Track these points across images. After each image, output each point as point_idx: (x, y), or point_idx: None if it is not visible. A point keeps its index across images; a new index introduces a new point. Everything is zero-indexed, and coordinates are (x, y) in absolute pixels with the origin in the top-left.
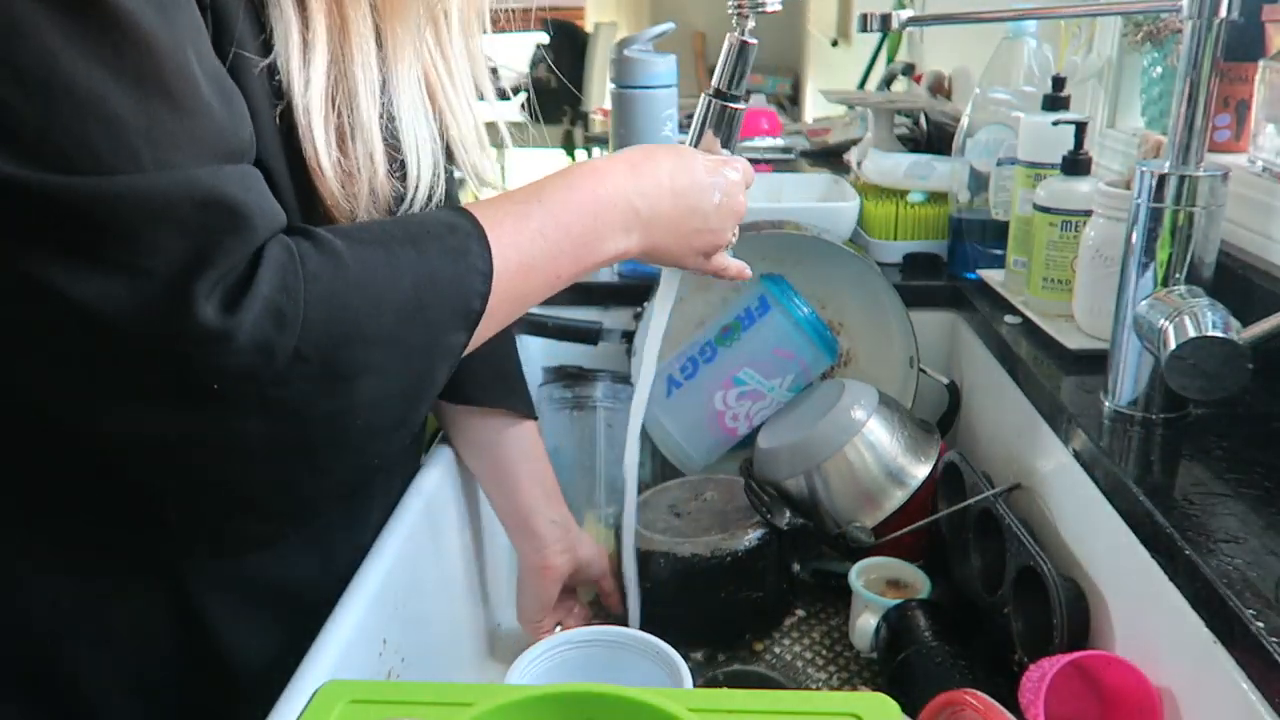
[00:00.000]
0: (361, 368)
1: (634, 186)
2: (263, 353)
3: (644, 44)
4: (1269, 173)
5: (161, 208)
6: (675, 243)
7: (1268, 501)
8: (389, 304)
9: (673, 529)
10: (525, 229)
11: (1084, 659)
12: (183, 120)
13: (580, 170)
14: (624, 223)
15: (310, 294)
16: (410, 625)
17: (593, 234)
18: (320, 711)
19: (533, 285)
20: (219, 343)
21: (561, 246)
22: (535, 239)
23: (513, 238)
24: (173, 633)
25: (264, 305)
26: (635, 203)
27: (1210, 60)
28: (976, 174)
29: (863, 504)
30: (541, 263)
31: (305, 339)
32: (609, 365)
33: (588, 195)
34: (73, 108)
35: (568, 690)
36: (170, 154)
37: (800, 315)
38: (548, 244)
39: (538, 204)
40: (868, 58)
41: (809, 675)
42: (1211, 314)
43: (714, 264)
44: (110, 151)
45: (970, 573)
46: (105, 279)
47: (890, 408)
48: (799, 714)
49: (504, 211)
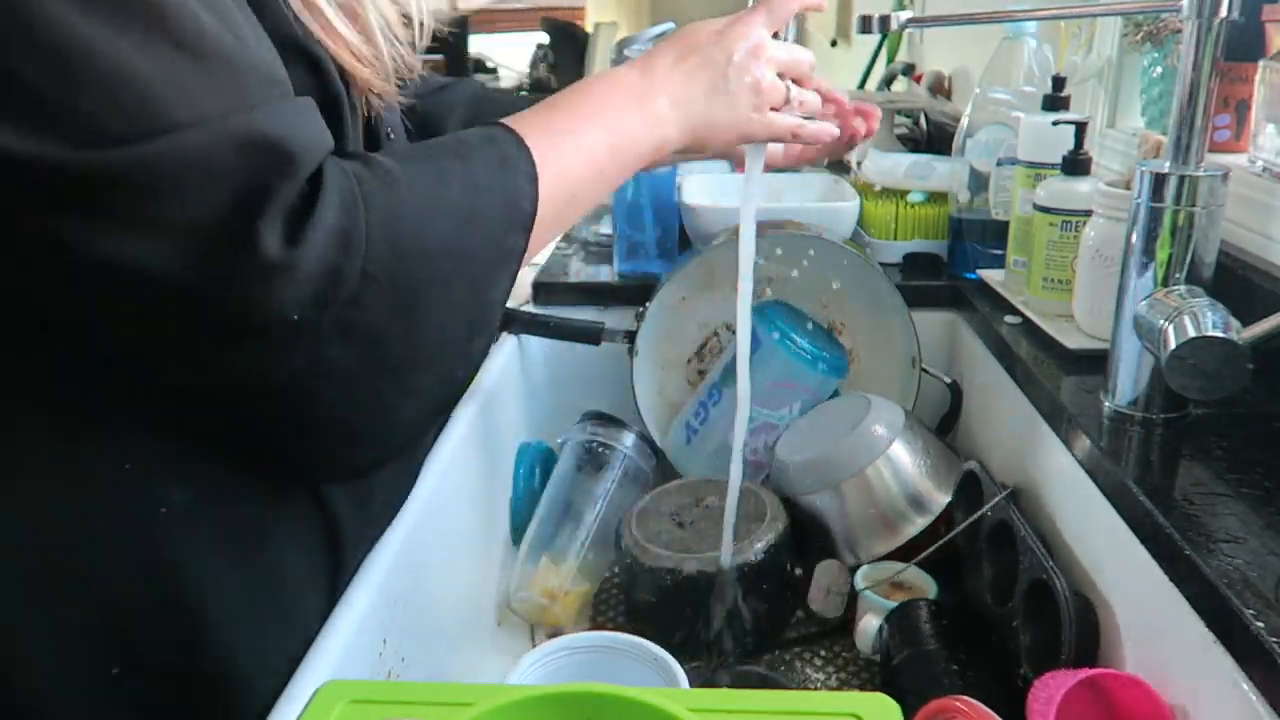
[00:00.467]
0: (427, 280)
1: (635, 69)
2: (332, 276)
3: (644, 44)
4: (1269, 173)
5: (201, 161)
6: (712, 104)
7: (1268, 501)
8: (444, 214)
9: (676, 542)
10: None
11: (1095, 676)
12: (205, 71)
13: (585, 80)
14: (639, 103)
15: (371, 215)
16: (410, 625)
17: (616, 122)
18: (320, 711)
19: (577, 181)
20: (285, 274)
21: (594, 140)
22: (566, 137)
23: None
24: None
25: (328, 231)
26: (641, 82)
27: (1210, 60)
28: (976, 174)
29: (880, 529)
30: (578, 161)
31: (371, 258)
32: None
33: (596, 88)
34: (96, 78)
35: (568, 690)
36: (201, 107)
37: (791, 346)
38: (578, 140)
39: (556, 109)
40: (867, 58)
41: (809, 675)
42: (1211, 314)
43: (780, 123)
44: (140, 116)
45: (981, 583)
46: (158, 243)
47: (915, 429)
48: (799, 714)
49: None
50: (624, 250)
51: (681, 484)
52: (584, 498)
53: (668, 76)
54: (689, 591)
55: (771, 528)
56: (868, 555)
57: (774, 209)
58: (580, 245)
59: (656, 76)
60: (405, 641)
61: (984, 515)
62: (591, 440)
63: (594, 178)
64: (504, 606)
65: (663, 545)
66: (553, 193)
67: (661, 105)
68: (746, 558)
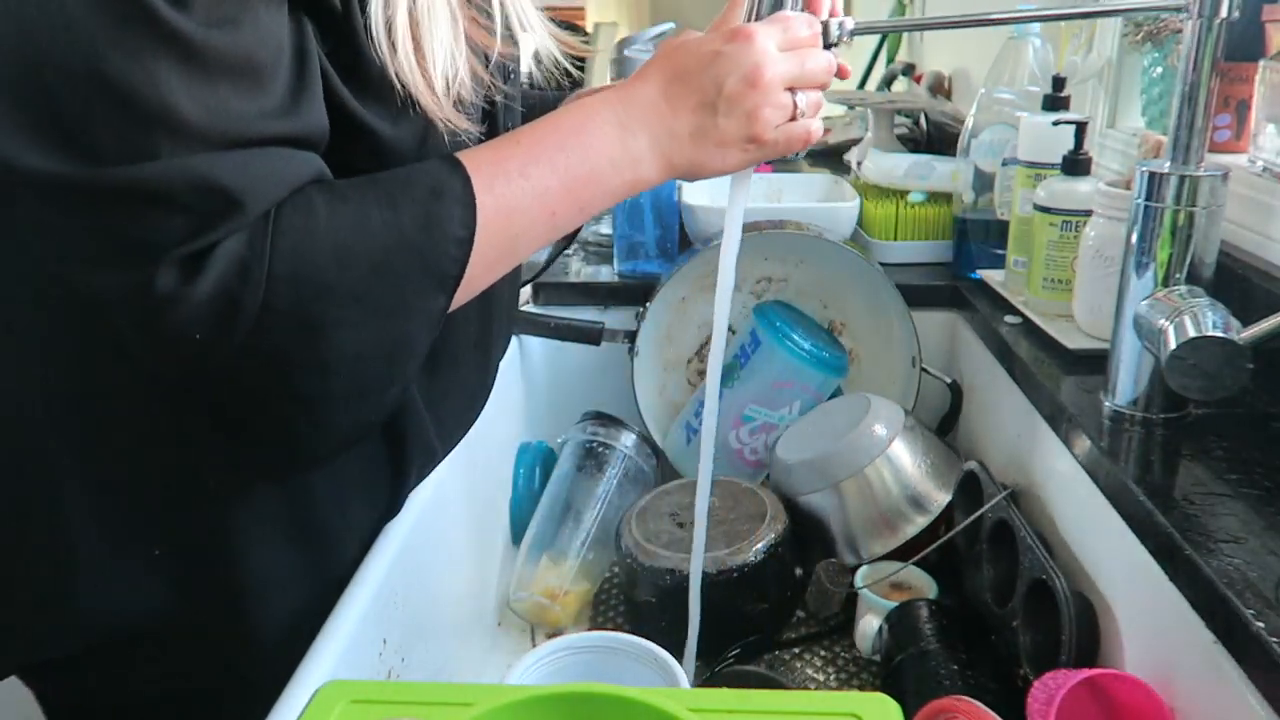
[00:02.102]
0: (333, 320)
1: (617, 98)
2: (229, 304)
3: (644, 44)
4: (1269, 173)
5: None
6: (698, 145)
7: (1268, 501)
8: (357, 260)
9: (676, 542)
10: (502, 172)
11: (1096, 677)
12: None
13: (565, 107)
14: (616, 138)
15: (276, 250)
16: (410, 625)
17: (580, 162)
18: (320, 711)
19: (521, 230)
20: (177, 303)
21: (548, 184)
22: (515, 180)
23: (489, 184)
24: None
25: (228, 261)
26: (621, 115)
27: (1210, 60)
28: (981, 174)
29: (879, 528)
30: (526, 203)
31: (273, 290)
32: (629, 408)
33: (567, 122)
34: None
35: (568, 690)
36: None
37: (790, 345)
38: (530, 183)
39: (515, 145)
40: (867, 58)
41: (809, 675)
42: (1211, 314)
43: (773, 146)
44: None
45: (981, 584)
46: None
47: (915, 429)
48: (799, 714)
49: (482, 159)
50: (624, 250)
51: (681, 484)
52: (584, 498)
53: (650, 110)
54: (689, 591)
55: (771, 528)
56: (868, 555)
57: (774, 209)
58: (580, 245)
59: (636, 108)
60: (405, 641)
61: (984, 515)
62: (591, 440)
63: (544, 218)
64: (504, 606)
65: (663, 545)
66: (492, 236)
67: (639, 144)
68: (746, 558)
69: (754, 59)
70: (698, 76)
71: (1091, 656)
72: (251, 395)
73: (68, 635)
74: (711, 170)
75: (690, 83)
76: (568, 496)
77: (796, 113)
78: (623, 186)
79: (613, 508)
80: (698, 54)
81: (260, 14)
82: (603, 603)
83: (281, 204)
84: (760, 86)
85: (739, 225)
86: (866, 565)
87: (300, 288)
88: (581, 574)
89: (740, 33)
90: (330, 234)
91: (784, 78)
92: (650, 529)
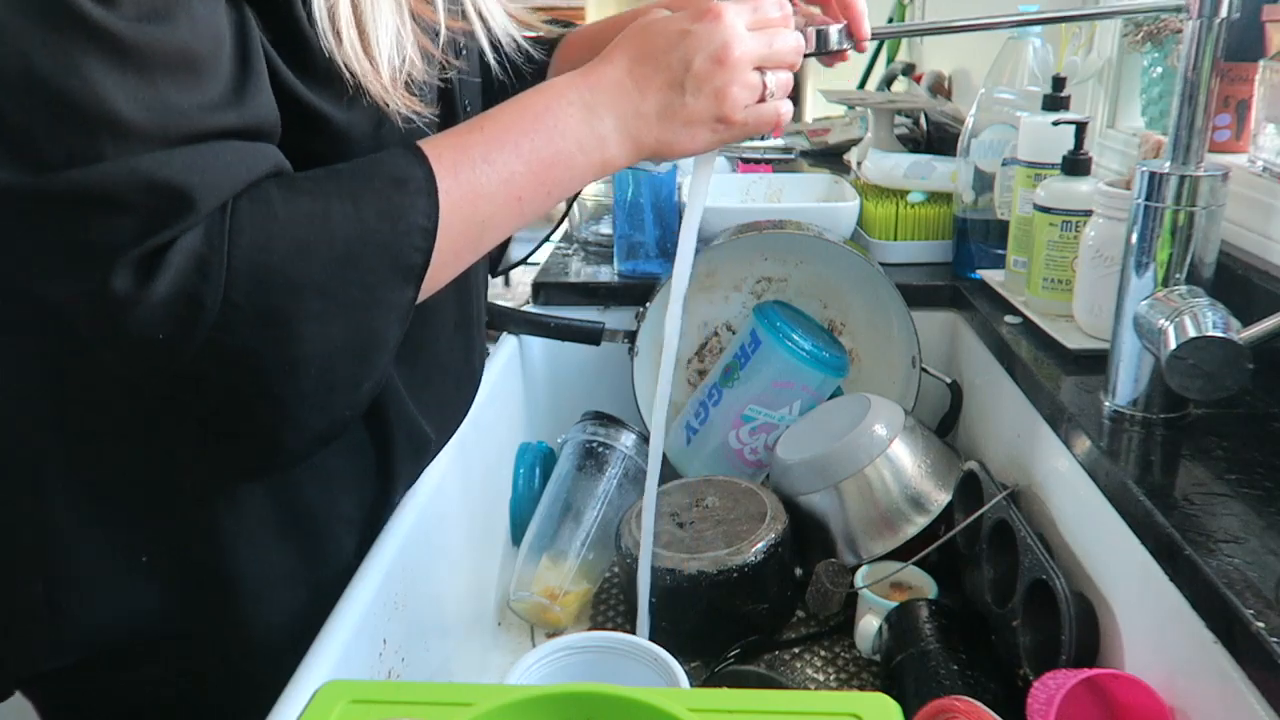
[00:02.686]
0: (298, 315)
1: (582, 79)
2: (190, 302)
3: None
4: (1269, 173)
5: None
6: (665, 125)
7: (1268, 501)
8: (318, 253)
9: (676, 542)
10: (466, 158)
11: (1096, 676)
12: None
13: (531, 90)
14: (582, 120)
15: (235, 247)
16: (410, 625)
17: (546, 145)
18: (320, 711)
19: (487, 217)
20: (134, 306)
21: (513, 169)
22: (479, 166)
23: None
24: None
25: (186, 258)
26: (586, 96)
27: (1210, 60)
28: (981, 174)
29: (879, 528)
30: (491, 190)
31: (234, 286)
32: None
33: (531, 106)
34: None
35: (568, 690)
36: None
37: (790, 345)
38: (494, 169)
39: (478, 131)
40: (867, 58)
41: (809, 675)
42: (1211, 314)
43: (742, 126)
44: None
45: (981, 584)
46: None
47: (915, 429)
48: (799, 714)
49: (444, 146)
50: (624, 250)
51: (681, 484)
52: (584, 498)
53: (616, 91)
54: (689, 591)
55: (771, 528)
56: (868, 555)
57: (774, 209)
58: (580, 245)
59: (602, 89)
60: (405, 641)
61: (984, 515)
62: (591, 440)
63: (511, 204)
64: (504, 606)
65: (662, 545)
66: (458, 224)
67: (605, 125)
68: (746, 558)
69: (722, 37)
70: (665, 55)
71: (1091, 656)
72: (223, 395)
73: (64, 647)
74: (680, 150)
75: (658, 61)
76: (568, 496)
77: (765, 93)
78: (590, 169)
79: (613, 508)
80: (665, 33)
81: (194, 5)
82: (603, 603)
83: (239, 198)
84: (728, 65)
85: (700, 205)
86: (866, 565)
87: (261, 283)
88: (581, 574)
89: (709, 11)
90: (289, 227)
91: (752, 57)
92: None
